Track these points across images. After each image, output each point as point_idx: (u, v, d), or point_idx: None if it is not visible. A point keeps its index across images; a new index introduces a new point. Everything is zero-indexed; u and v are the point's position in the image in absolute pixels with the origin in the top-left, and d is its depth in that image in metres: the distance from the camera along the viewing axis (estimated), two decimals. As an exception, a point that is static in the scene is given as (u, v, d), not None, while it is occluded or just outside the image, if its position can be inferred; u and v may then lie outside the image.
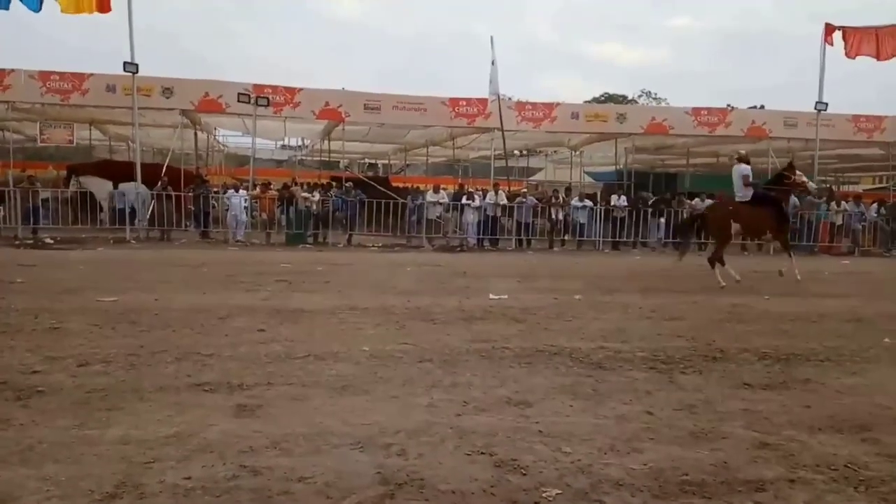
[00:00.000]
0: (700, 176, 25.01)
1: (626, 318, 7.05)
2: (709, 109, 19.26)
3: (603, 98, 50.54)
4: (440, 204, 16.82)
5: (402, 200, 16.75)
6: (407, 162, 32.97)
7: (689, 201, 18.47)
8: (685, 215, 16.68)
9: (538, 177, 33.32)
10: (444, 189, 17.71)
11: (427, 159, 29.18)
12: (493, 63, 17.32)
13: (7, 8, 13.18)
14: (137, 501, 2.71)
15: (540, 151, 30.11)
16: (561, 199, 17.81)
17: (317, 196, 16.38)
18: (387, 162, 36.13)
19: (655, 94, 53.42)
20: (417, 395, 4.19)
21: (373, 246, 15.27)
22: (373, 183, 18.96)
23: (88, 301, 7.03)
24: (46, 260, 10.87)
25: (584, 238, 17.37)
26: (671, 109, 23.10)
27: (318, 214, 16.09)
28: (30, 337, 5.38)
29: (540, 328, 6.36)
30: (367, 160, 35.32)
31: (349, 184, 17.45)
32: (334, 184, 18.73)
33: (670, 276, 10.83)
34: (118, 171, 16.48)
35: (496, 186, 17.57)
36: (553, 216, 17.35)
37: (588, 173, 29.20)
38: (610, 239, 17.33)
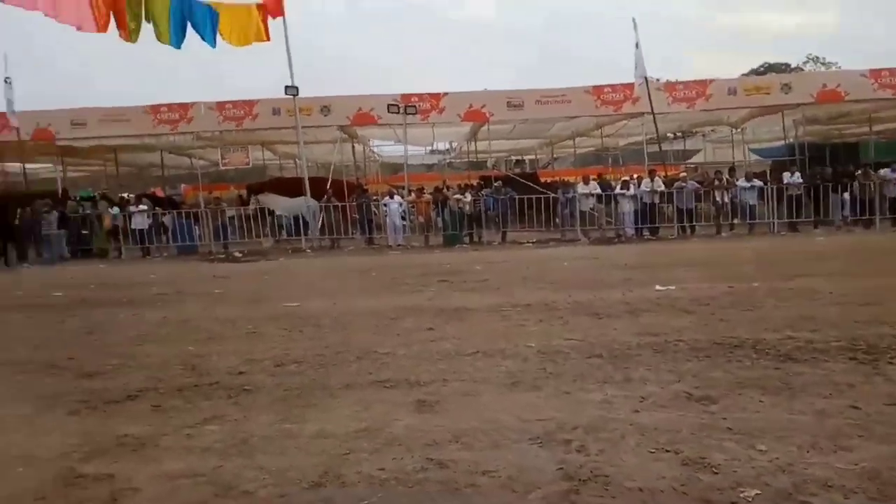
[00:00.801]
0: (887, 144, 22.17)
1: (814, 305, 6.44)
2: (890, 70, 17.03)
3: (762, 69, 46.23)
4: (592, 195, 16.43)
5: (553, 195, 16.59)
6: (554, 155, 32.60)
7: (876, 172, 16.45)
8: (873, 188, 14.88)
9: (696, 159, 31.37)
10: (594, 179, 17.28)
11: (574, 150, 28.65)
12: (636, 46, 16.61)
13: (179, 46, 14.73)
14: (340, 490, 2.95)
15: (696, 132, 28.36)
16: (724, 180, 16.65)
17: (469, 197, 16.72)
18: (533, 157, 35.97)
19: (824, 59, 47.78)
20: (590, 390, 4.15)
21: (527, 242, 15.29)
22: (521, 179, 18.98)
23: (276, 307, 7.73)
24: (236, 272, 12.12)
25: (756, 221, 16.09)
26: (845, 74, 20.65)
27: (472, 214, 16.41)
28: (232, 342, 6.03)
29: (715, 319, 6.01)
30: (513, 157, 35.41)
31: (498, 182, 17.60)
32: (483, 184, 19.01)
33: (862, 255, 9.73)
34: (289, 187, 17.97)
35: (652, 173, 16.82)
36: (718, 199, 16.27)
37: (753, 151, 26.99)
38: (786, 220, 15.90)
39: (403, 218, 16.91)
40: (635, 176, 17.98)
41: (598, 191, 16.56)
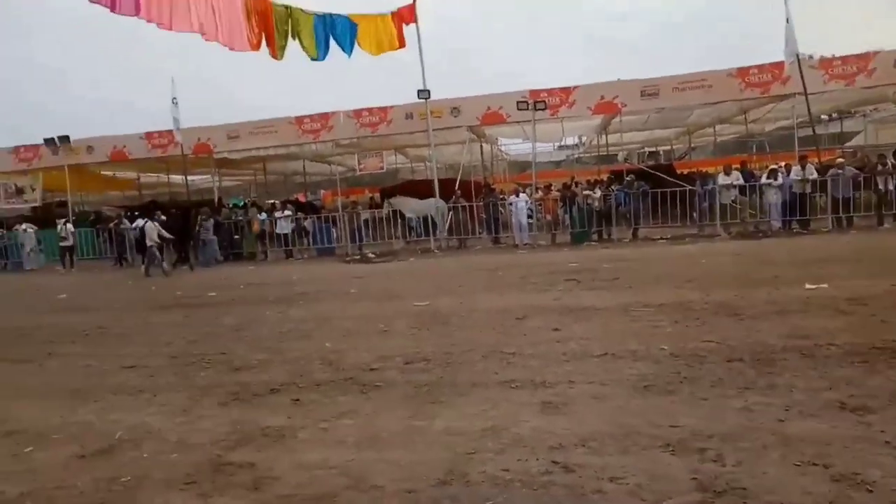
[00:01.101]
0: None
1: None
2: None
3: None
4: (734, 186, 15.37)
5: (690, 187, 15.72)
6: (692, 145, 30.91)
7: None
8: None
9: (856, 142, 28.39)
10: (736, 169, 16.13)
11: (714, 139, 26.97)
12: (787, 21, 15.28)
13: (324, 59, 15.64)
14: (465, 489, 2.99)
15: (855, 112, 25.65)
16: (889, 164, 14.90)
17: (598, 192, 16.27)
18: (668, 148, 34.31)
19: None
20: (729, 397, 3.89)
21: (660, 238, 14.60)
22: (655, 172, 18.15)
23: (406, 306, 7.98)
24: (370, 272, 12.66)
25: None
26: None
27: (601, 211, 15.96)
28: (366, 339, 6.31)
29: (875, 321, 5.42)
30: (646, 149, 33.99)
31: (630, 176, 16.96)
32: (614, 178, 18.41)
33: None
34: (420, 189, 18.48)
35: (803, 159, 15.43)
36: (880, 186, 14.60)
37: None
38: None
39: (530, 216, 16.79)
40: (783, 164, 16.57)
41: (741, 181, 15.45)
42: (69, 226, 18.58)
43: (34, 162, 20.64)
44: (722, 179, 15.53)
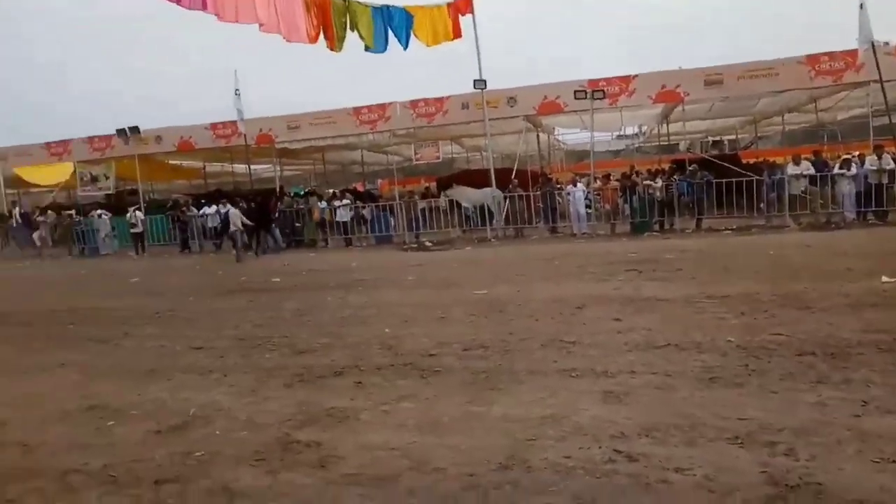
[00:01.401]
0: None
1: None
2: None
3: None
4: (804, 176, 14.73)
5: (757, 177, 15.14)
6: (758, 134, 29.76)
7: None
8: None
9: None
10: (806, 159, 15.43)
11: (783, 128, 25.88)
12: (861, 6, 14.49)
13: (384, 50, 15.78)
14: (526, 474, 2.99)
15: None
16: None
17: (659, 182, 15.87)
18: (733, 137, 33.15)
19: None
20: (801, 390, 3.77)
21: (725, 229, 14.14)
22: (720, 161, 17.56)
23: (464, 294, 8.01)
24: (428, 260, 12.74)
25: None
26: None
27: (663, 201, 15.56)
28: (424, 325, 6.37)
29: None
30: (709, 138, 32.93)
31: (693, 166, 16.47)
32: (676, 168, 17.90)
33: None
34: (476, 179, 18.45)
35: (878, 149, 14.64)
36: (966, 176, 13.73)
37: None
38: None
39: (588, 206, 16.54)
40: (857, 153, 15.77)
41: (812, 171, 14.80)
42: (139, 213, 19.39)
43: (107, 151, 21.57)
44: (791, 169, 14.91)
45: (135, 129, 20.66)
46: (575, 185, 16.91)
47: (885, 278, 6.82)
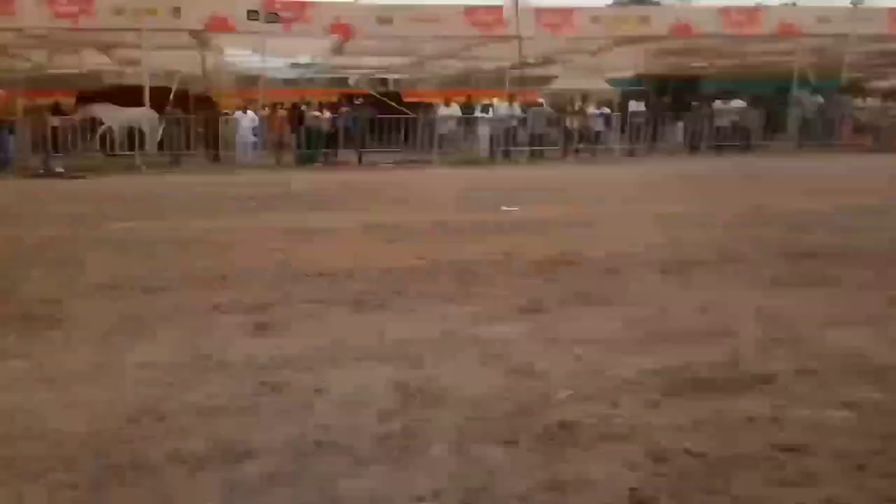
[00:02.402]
0: (729, 79, 23.97)
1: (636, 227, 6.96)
2: (738, 9, 18.24)
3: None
4: (452, 118, 16.43)
5: (414, 116, 16.38)
6: (421, 76, 32.05)
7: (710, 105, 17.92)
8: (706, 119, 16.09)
9: (556, 85, 32.21)
10: (455, 102, 17.21)
11: (442, 72, 28.31)
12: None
13: None
14: (158, 423, 2.76)
15: (558, 60, 28.98)
16: (577, 107, 17.28)
17: (327, 115, 16.06)
18: (399, 77, 35.16)
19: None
20: (434, 307, 4.22)
21: (384, 164, 15.05)
22: (384, 99, 18.51)
23: (101, 231, 7.05)
24: (59, 189, 10.90)
25: (600, 146, 16.94)
26: (697, 10, 21.71)
27: (329, 133, 15.81)
28: (45, 268, 5.44)
29: (550, 240, 6.32)
30: (377, 75, 34.40)
31: (359, 100, 17.04)
32: (344, 101, 18.32)
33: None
34: (126, 97, 16.22)
35: (511, 98, 17.06)
36: (568, 125, 16.91)
37: (608, 80, 28.18)
38: (627, 146, 16.89)
39: (255, 135, 15.92)
40: (495, 100, 18.13)
41: (459, 113, 16.58)
42: None
43: None
44: (442, 111, 16.47)
45: None
46: (245, 112, 16.13)
47: (504, 207, 8.05)
